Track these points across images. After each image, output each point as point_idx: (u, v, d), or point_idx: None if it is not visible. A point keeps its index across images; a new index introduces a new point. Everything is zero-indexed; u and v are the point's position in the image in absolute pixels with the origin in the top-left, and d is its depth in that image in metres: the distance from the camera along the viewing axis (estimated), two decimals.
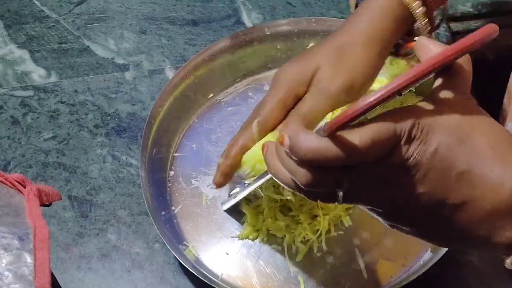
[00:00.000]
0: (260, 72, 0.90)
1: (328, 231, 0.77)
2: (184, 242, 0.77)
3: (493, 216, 0.48)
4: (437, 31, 0.94)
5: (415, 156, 0.47)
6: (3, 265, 0.44)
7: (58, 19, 1.00)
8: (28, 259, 0.45)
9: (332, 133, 0.47)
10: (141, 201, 0.81)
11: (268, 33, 0.89)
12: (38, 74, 0.94)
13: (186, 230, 0.78)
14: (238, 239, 0.77)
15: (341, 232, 0.77)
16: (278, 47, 0.90)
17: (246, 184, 0.73)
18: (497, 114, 0.78)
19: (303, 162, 0.48)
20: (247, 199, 0.77)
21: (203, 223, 0.79)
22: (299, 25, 0.89)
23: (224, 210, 0.79)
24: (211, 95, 0.88)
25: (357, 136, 0.46)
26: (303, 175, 0.48)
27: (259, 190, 0.76)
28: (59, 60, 0.95)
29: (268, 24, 0.90)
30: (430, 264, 0.72)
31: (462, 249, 0.51)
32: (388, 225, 0.52)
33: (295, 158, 0.49)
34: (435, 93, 0.51)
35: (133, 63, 0.95)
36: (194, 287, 0.76)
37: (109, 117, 0.89)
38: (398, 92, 0.45)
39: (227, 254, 0.76)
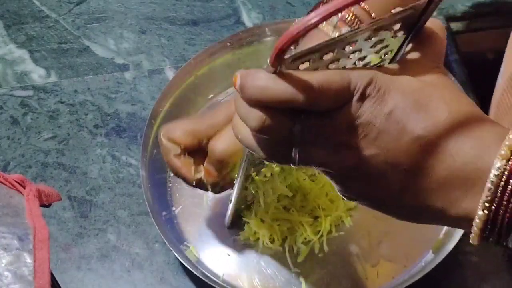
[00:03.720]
0: None
1: (329, 232, 0.76)
2: (185, 243, 0.77)
3: (448, 186, 0.45)
4: None
5: (367, 116, 0.45)
6: (3, 265, 0.44)
7: (58, 19, 1.00)
8: (28, 259, 0.45)
9: (276, 60, 0.44)
10: (141, 201, 0.81)
11: (268, 33, 0.89)
12: (37, 74, 0.94)
13: (187, 230, 0.78)
14: (239, 240, 0.77)
15: (342, 233, 0.77)
16: None
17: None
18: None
19: (252, 102, 0.47)
20: (248, 206, 0.77)
21: (204, 224, 0.78)
22: None
23: (228, 228, 0.78)
24: (211, 95, 0.88)
25: (306, 77, 0.45)
26: (253, 117, 0.47)
27: (251, 189, 0.75)
28: (58, 60, 0.95)
29: (268, 24, 0.90)
30: (432, 265, 0.72)
31: (422, 222, 0.49)
32: (344, 195, 0.50)
33: (246, 101, 0.47)
34: (402, 57, 0.49)
35: (133, 63, 0.94)
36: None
37: (109, 117, 0.89)
38: (330, 15, 0.42)
39: (228, 254, 0.76)
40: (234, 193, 0.73)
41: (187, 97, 0.86)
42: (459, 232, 0.73)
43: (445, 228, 0.76)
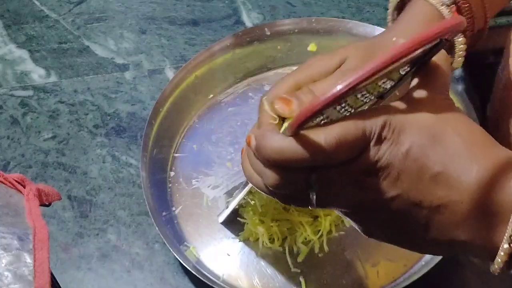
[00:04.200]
0: (260, 73, 0.90)
1: (329, 232, 0.76)
2: (185, 243, 0.77)
3: (472, 218, 0.46)
4: None
5: (386, 158, 0.45)
6: (3, 265, 0.44)
7: (58, 18, 1.00)
8: (28, 259, 0.45)
9: (295, 130, 0.45)
10: (141, 201, 0.81)
11: (268, 33, 0.89)
12: (37, 74, 0.94)
13: (186, 230, 0.78)
14: (239, 240, 0.77)
15: (342, 233, 0.77)
16: (278, 47, 0.89)
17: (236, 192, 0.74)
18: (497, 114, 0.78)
19: (269, 163, 0.47)
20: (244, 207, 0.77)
21: (204, 224, 0.78)
22: (299, 25, 0.89)
23: (221, 223, 0.78)
24: (211, 95, 0.88)
25: (322, 136, 0.45)
26: (269, 176, 0.47)
27: (249, 200, 0.75)
28: (58, 60, 0.95)
29: (268, 24, 0.90)
30: (432, 264, 0.71)
31: (445, 255, 0.49)
32: (363, 232, 0.50)
33: (260, 159, 0.48)
34: (410, 93, 0.49)
35: (133, 63, 0.94)
36: None
37: (109, 117, 0.89)
38: (361, 83, 0.43)
39: (228, 255, 0.76)
40: (233, 202, 0.74)
41: (187, 97, 0.86)
42: None
43: None
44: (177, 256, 0.73)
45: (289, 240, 0.76)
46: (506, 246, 0.45)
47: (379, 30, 0.85)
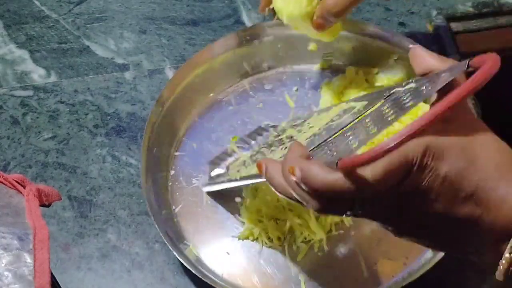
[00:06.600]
0: (261, 72, 0.90)
1: (329, 231, 0.76)
2: (185, 242, 0.77)
3: (494, 234, 0.50)
4: (437, 31, 0.94)
5: (426, 182, 0.49)
6: (3, 265, 0.44)
7: (58, 19, 1.00)
8: (28, 259, 0.45)
9: (347, 171, 0.49)
10: (141, 201, 0.81)
11: (268, 33, 0.89)
12: (37, 74, 0.94)
13: (186, 229, 0.78)
14: (239, 239, 0.77)
15: (342, 231, 0.77)
16: (279, 46, 0.89)
17: (234, 178, 0.75)
18: (498, 113, 0.78)
19: (315, 194, 0.51)
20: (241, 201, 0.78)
21: (204, 223, 0.79)
22: None
23: (206, 192, 0.79)
24: (212, 94, 0.88)
25: (369, 171, 0.48)
26: (316, 204, 0.51)
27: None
28: (58, 60, 0.95)
29: (268, 23, 0.90)
30: (432, 263, 0.72)
31: (457, 255, 0.57)
32: (394, 234, 0.54)
33: (306, 189, 0.51)
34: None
35: (133, 63, 0.94)
36: (195, 287, 0.75)
37: (109, 117, 0.89)
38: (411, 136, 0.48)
39: (227, 253, 0.76)
40: (227, 185, 0.76)
41: (187, 97, 0.86)
42: None
43: None
44: (176, 255, 0.73)
45: (288, 239, 0.76)
46: (507, 255, 0.49)
47: (379, 29, 0.86)
